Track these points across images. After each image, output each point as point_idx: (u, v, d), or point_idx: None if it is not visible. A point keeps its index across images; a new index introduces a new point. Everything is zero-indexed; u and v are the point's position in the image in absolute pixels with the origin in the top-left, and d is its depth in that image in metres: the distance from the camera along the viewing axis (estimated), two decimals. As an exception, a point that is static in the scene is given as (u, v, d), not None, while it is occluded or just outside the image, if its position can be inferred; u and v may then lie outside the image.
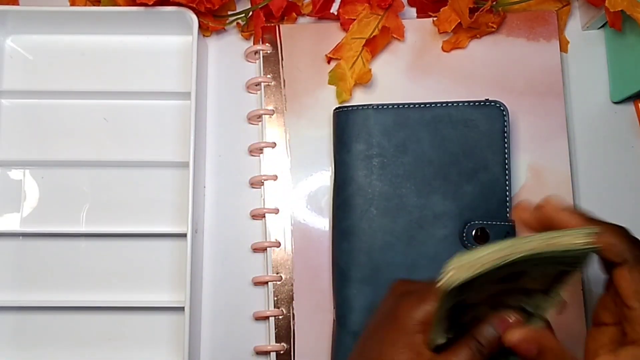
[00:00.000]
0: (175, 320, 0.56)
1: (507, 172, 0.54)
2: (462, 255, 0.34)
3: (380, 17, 0.57)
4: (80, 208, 0.58)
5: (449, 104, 0.55)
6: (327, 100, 0.58)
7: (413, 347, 0.40)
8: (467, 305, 0.39)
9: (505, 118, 0.54)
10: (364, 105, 0.55)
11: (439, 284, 0.34)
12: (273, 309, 0.55)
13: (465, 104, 0.55)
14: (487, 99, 0.55)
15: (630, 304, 0.37)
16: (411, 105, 0.55)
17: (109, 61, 0.60)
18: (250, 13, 0.59)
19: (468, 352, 0.39)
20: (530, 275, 0.37)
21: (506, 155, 0.54)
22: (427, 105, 0.55)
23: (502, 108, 0.54)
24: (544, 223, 0.40)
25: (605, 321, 0.40)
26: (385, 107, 0.55)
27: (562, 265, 0.37)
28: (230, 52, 0.60)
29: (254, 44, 0.59)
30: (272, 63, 0.58)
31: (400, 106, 0.55)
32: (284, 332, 0.55)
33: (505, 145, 0.54)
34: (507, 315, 0.39)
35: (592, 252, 0.36)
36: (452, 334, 0.40)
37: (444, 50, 0.59)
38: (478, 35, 0.58)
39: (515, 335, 0.38)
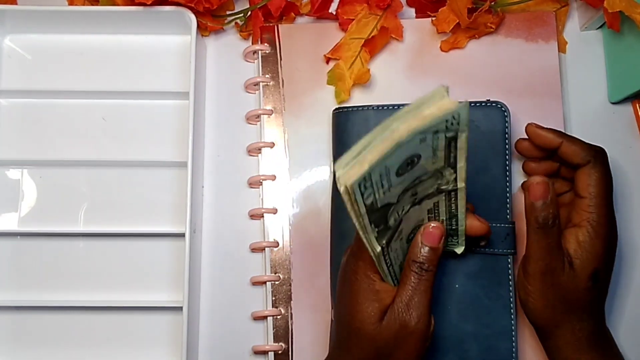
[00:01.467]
0: (173, 320, 0.56)
1: (507, 173, 0.53)
2: (342, 158, 0.37)
3: (379, 17, 0.57)
4: (78, 208, 0.58)
5: (449, 105, 0.55)
6: (326, 100, 0.58)
7: (369, 290, 0.45)
8: (385, 209, 0.41)
9: (507, 119, 0.54)
10: (364, 105, 0.55)
11: (341, 189, 0.37)
12: (271, 308, 0.55)
13: (467, 104, 0.55)
14: (489, 100, 0.55)
15: (582, 194, 0.48)
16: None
17: (107, 61, 0.60)
18: (249, 13, 0.59)
19: (414, 275, 0.45)
20: (425, 154, 0.40)
21: (507, 156, 0.54)
22: (427, 106, 0.55)
23: (503, 109, 0.54)
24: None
25: None
26: (385, 107, 0.55)
27: (445, 132, 0.39)
28: (229, 52, 0.60)
29: (252, 43, 0.59)
30: (271, 63, 0.58)
31: (400, 106, 0.55)
32: (282, 331, 0.55)
33: (506, 146, 0.54)
34: (425, 227, 0.45)
35: (460, 110, 0.37)
36: (385, 241, 0.43)
37: (443, 51, 0.59)
38: (476, 36, 0.58)
39: (536, 179, 0.47)
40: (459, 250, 0.50)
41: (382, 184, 0.39)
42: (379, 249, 0.43)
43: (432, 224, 0.45)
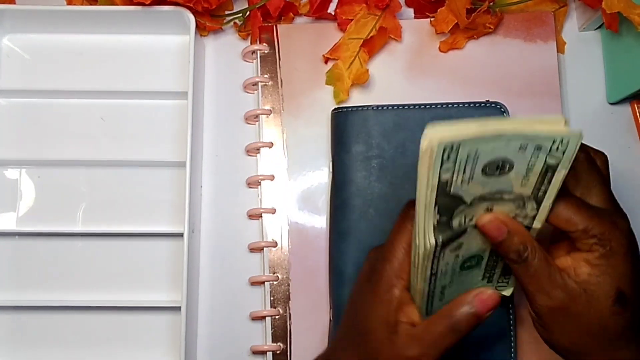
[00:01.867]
0: (171, 320, 0.56)
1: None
2: (436, 125, 0.35)
3: (377, 17, 0.57)
4: (76, 207, 0.58)
5: (449, 105, 0.55)
6: (325, 101, 0.58)
7: (390, 293, 0.42)
8: (455, 202, 0.39)
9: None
10: (364, 106, 0.55)
11: (423, 145, 0.35)
12: (270, 308, 0.55)
13: (466, 105, 0.55)
14: (488, 100, 0.55)
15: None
16: (411, 106, 0.55)
17: (106, 60, 0.60)
18: (248, 13, 0.59)
19: (445, 325, 0.41)
20: (517, 170, 0.38)
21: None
22: (427, 106, 0.55)
23: (502, 109, 0.54)
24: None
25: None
26: (384, 108, 0.55)
27: (547, 154, 0.37)
28: (228, 51, 0.60)
29: (251, 43, 0.59)
30: (270, 63, 0.58)
31: (400, 107, 0.55)
32: (281, 332, 0.55)
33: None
34: (482, 291, 0.42)
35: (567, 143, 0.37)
36: (442, 240, 0.40)
37: (442, 51, 0.59)
38: (475, 36, 0.58)
39: (485, 219, 0.40)
40: (508, 292, 0.46)
41: (465, 169, 0.37)
42: (432, 242, 0.40)
43: (489, 292, 0.42)
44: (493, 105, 0.54)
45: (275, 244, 0.56)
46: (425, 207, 0.38)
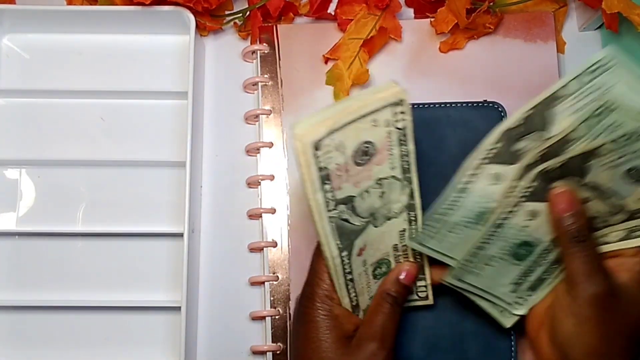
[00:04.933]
0: (171, 320, 0.56)
1: (504, 173, 0.54)
2: (299, 121, 0.39)
3: (377, 17, 0.57)
4: (76, 207, 0.58)
5: (448, 105, 0.55)
6: (325, 101, 0.58)
7: (328, 316, 0.44)
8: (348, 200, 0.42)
9: (503, 119, 0.54)
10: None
11: (295, 145, 0.38)
12: (269, 309, 0.55)
13: (464, 105, 0.55)
14: (486, 100, 0.55)
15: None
16: (411, 106, 0.55)
17: (105, 60, 0.60)
18: (248, 13, 0.59)
19: (387, 306, 0.44)
20: (379, 147, 0.41)
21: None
22: (426, 106, 0.55)
23: (500, 109, 0.54)
24: None
25: None
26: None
27: (396, 122, 0.41)
28: (228, 51, 0.60)
29: (251, 43, 0.59)
30: (270, 63, 0.58)
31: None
32: (281, 332, 0.55)
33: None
34: (405, 265, 0.46)
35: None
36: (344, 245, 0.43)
37: (442, 51, 0.59)
38: (475, 36, 0.58)
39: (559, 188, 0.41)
40: (522, 311, 0.47)
41: (338, 159, 0.40)
42: (335, 251, 0.42)
43: (408, 265, 0.46)
44: (490, 105, 0.54)
45: (275, 244, 0.56)
46: (319, 210, 0.41)
